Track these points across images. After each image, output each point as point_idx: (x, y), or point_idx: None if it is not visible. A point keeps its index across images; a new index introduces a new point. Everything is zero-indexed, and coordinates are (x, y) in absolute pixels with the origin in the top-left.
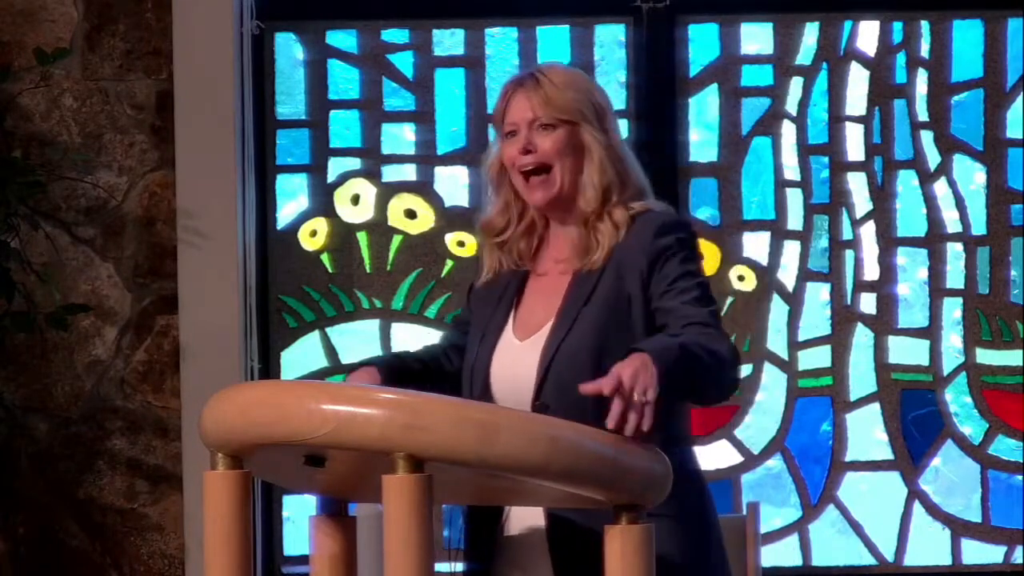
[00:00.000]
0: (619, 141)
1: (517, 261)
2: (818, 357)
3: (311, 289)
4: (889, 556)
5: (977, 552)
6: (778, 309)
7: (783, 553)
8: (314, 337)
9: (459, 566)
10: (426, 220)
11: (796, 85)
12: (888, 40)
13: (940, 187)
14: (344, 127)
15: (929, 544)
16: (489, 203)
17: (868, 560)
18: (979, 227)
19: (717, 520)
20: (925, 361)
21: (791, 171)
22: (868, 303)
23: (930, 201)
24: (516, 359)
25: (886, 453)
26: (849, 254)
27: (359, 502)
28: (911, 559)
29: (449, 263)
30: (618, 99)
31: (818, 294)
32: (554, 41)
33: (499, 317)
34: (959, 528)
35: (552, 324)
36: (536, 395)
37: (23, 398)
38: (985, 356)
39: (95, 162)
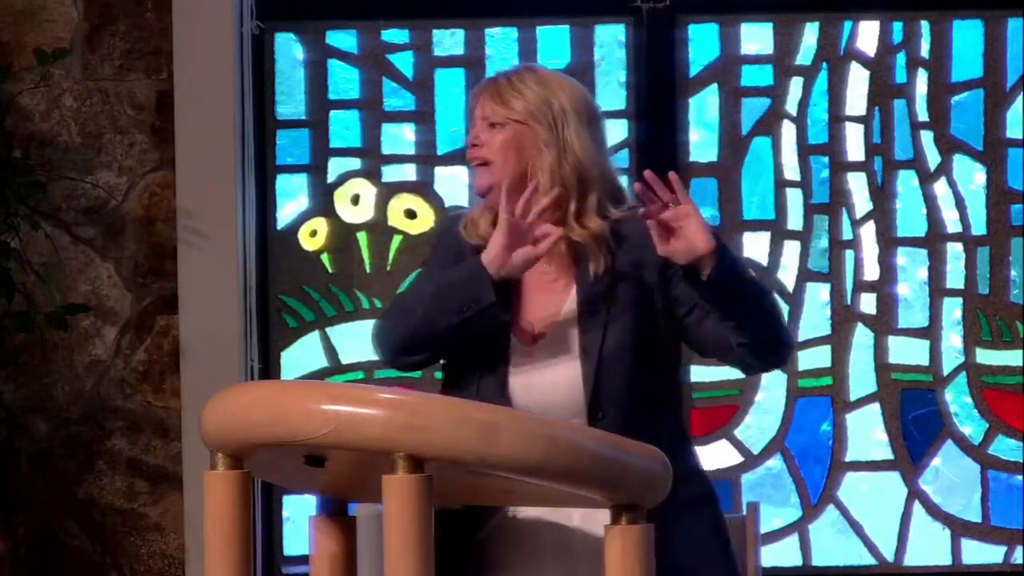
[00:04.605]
0: (583, 146)
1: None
2: (818, 357)
3: (311, 289)
4: (889, 556)
5: (977, 552)
6: None
7: (783, 553)
8: (314, 337)
9: None
10: (426, 220)
11: (796, 85)
12: (888, 40)
13: (940, 187)
14: (344, 127)
15: (929, 544)
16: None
17: (868, 560)
18: (979, 227)
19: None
20: (925, 361)
21: (791, 171)
22: (868, 303)
23: (930, 201)
24: (540, 372)
25: (886, 453)
26: (849, 254)
27: (359, 502)
28: (911, 559)
29: None
30: (618, 99)
31: (818, 294)
32: (554, 41)
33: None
34: (959, 528)
35: (579, 333)
36: (592, 411)
37: (23, 398)
38: (985, 356)
39: (95, 162)
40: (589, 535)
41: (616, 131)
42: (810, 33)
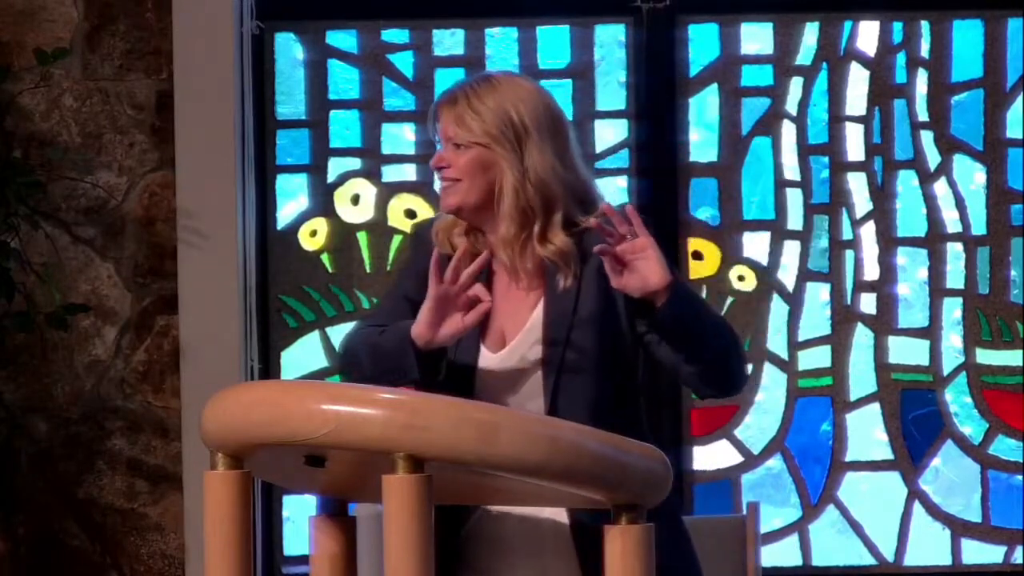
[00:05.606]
0: (546, 164)
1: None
2: (818, 357)
3: (311, 289)
4: (889, 556)
5: (977, 552)
6: (778, 309)
7: (783, 553)
8: (314, 337)
9: None
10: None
11: (796, 85)
12: (888, 40)
13: (940, 187)
14: (344, 127)
15: (929, 544)
16: None
17: (868, 560)
18: (979, 227)
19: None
20: (925, 361)
21: (791, 171)
22: (868, 303)
23: (930, 201)
24: (502, 380)
25: (886, 453)
26: (849, 254)
27: (359, 502)
28: (911, 559)
29: None
30: (618, 99)
31: (818, 294)
32: (554, 41)
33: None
34: (959, 528)
35: (543, 344)
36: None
37: (23, 398)
38: (985, 356)
39: (95, 162)
40: (560, 532)
41: (616, 131)
42: (810, 33)
